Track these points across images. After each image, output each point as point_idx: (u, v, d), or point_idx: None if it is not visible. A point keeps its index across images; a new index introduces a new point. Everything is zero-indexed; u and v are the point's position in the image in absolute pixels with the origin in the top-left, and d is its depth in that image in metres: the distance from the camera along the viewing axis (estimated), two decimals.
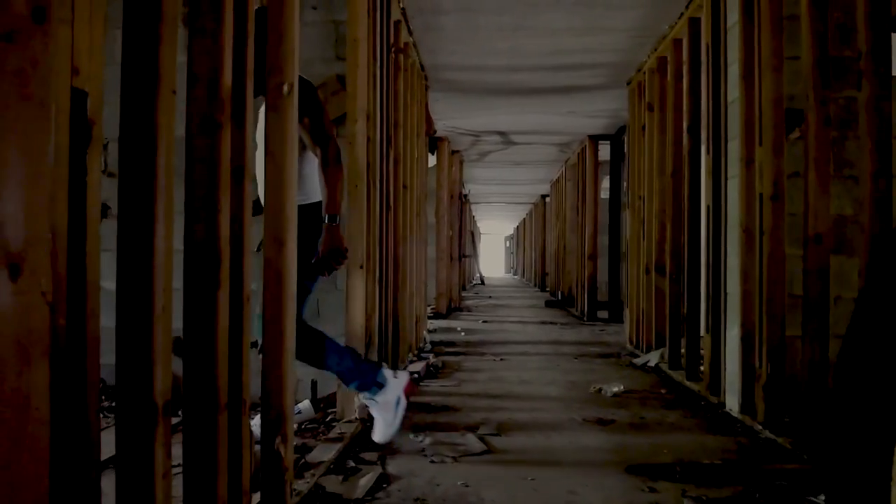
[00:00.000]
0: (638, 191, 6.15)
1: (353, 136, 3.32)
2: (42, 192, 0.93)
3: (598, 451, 2.94)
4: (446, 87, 6.83)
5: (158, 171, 1.26)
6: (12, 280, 0.93)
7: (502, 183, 15.33)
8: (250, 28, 1.70)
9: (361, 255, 3.35)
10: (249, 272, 1.71)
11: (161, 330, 1.28)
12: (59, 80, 0.94)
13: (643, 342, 5.80)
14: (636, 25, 5.17)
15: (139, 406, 1.25)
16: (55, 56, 0.93)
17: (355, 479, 2.45)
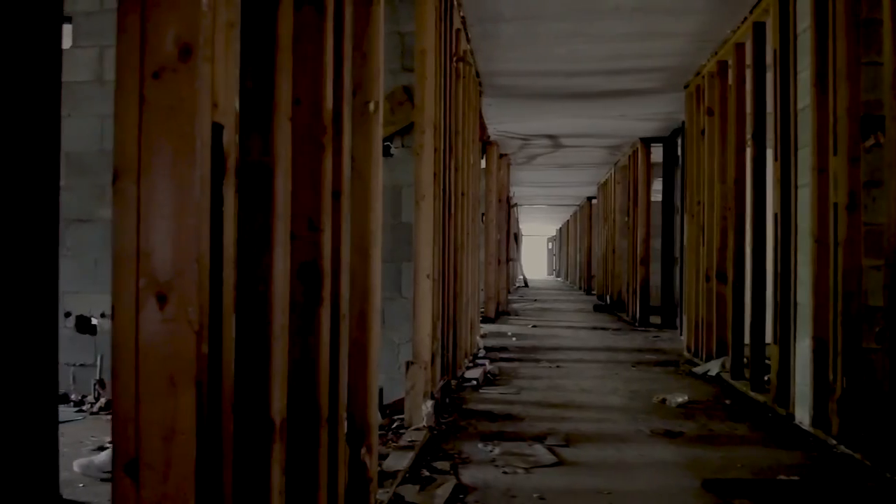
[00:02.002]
0: (696, 196, 6.06)
1: (421, 147, 3.35)
2: (189, 223, 0.97)
3: (671, 465, 2.91)
4: (499, 93, 6.84)
5: (276, 195, 1.30)
6: (160, 308, 0.97)
7: (548, 185, 15.26)
8: (346, 52, 1.74)
9: (429, 264, 3.38)
10: (346, 290, 1.75)
11: (279, 349, 1.31)
12: (202, 115, 0.98)
13: (702, 350, 5.70)
14: (696, 30, 5.11)
15: (257, 423, 1.29)
16: (199, 92, 0.97)
17: (432, 488, 2.47)
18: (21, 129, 0.96)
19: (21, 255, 0.96)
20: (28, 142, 0.98)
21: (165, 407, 0.97)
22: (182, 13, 0.97)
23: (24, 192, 0.96)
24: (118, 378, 0.99)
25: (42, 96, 0.99)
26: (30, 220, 0.97)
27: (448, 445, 3.13)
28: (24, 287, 0.97)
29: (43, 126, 0.99)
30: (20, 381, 0.98)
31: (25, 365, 0.98)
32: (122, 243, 0.97)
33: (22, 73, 0.96)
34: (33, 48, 0.97)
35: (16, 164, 0.95)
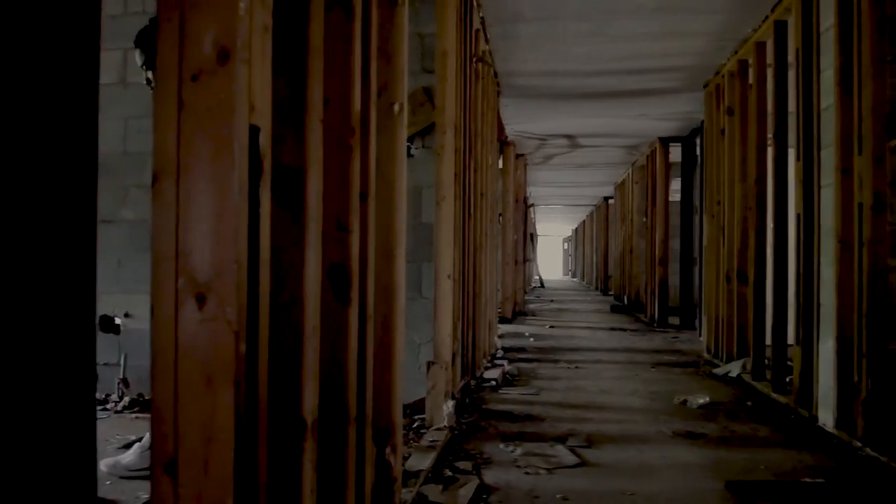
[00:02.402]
0: (716, 196, 6.02)
1: (442, 148, 3.36)
2: (228, 224, 0.98)
3: (693, 466, 2.89)
4: (517, 93, 6.84)
5: (308, 196, 1.31)
6: (199, 308, 0.99)
7: (564, 185, 15.22)
8: (373, 54, 1.75)
9: (449, 264, 3.39)
10: (373, 291, 1.76)
11: (311, 349, 1.33)
12: (240, 117, 0.99)
13: (722, 351, 5.66)
14: (716, 29, 5.08)
15: (288, 423, 1.30)
16: (237, 95, 0.98)
17: (455, 488, 2.48)
18: (62, 131, 0.98)
19: (62, 255, 0.98)
20: (69, 143, 0.99)
21: (204, 406, 0.98)
22: (220, 17, 0.99)
23: (65, 194, 0.98)
24: (157, 378, 1.00)
25: (82, 97, 1.01)
26: (72, 221, 0.98)
27: (469, 445, 3.13)
28: (65, 288, 0.98)
29: (83, 128, 1.01)
30: (61, 383, 0.99)
31: (66, 366, 1.00)
32: (162, 244, 0.99)
33: (63, 74, 0.98)
34: (74, 50, 0.99)
35: (57, 165, 0.97)
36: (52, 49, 0.95)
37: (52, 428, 0.98)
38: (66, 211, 0.98)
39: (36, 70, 0.91)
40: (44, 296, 0.95)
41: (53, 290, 0.96)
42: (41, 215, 0.89)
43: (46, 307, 0.95)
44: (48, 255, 0.96)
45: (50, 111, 0.96)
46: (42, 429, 0.97)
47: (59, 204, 0.97)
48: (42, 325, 0.95)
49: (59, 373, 0.98)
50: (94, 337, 1.04)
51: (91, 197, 1.03)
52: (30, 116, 0.91)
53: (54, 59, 0.96)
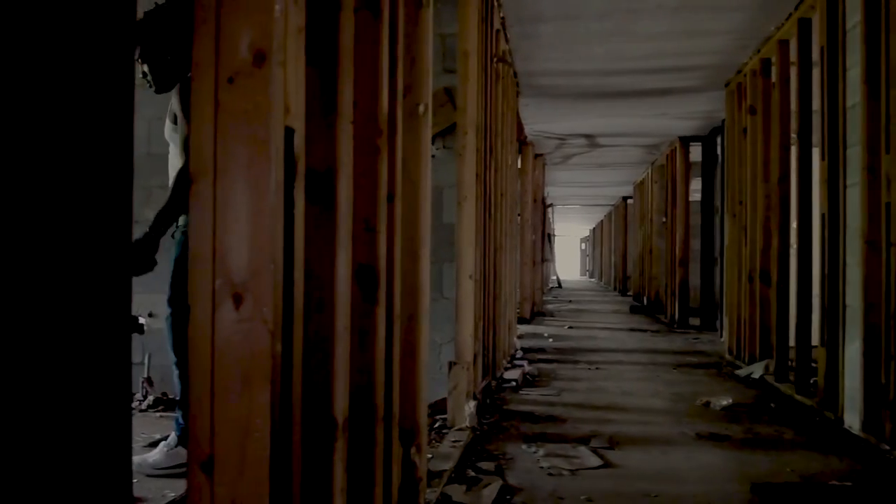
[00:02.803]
0: (738, 196, 5.97)
1: (463, 149, 3.36)
2: (264, 225, 0.99)
3: (718, 468, 2.87)
4: (537, 93, 6.82)
5: (339, 198, 1.32)
6: (236, 308, 1.00)
7: (582, 185, 15.16)
8: (399, 55, 1.75)
9: (471, 265, 3.39)
10: (399, 291, 1.76)
11: (342, 349, 1.33)
12: (276, 119, 1.00)
13: (744, 352, 5.61)
14: (739, 27, 5.03)
15: (319, 422, 1.31)
16: (273, 97, 0.99)
17: (479, 489, 2.48)
18: (101, 133, 0.99)
19: (99, 256, 0.99)
20: (107, 145, 1.00)
21: (240, 406, 0.99)
22: (256, 19, 0.99)
23: (104, 195, 0.99)
24: (194, 377, 1.01)
25: (119, 99, 1.02)
26: (111, 221, 1.00)
27: (491, 446, 3.13)
28: (104, 288, 1.00)
29: (120, 130, 1.02)
30: (100, 382, 1.01)
31: (104, 365, 1.01)
32: (199, 244, 1.00)
33: (100, 74, 0.99)
34: (109, 51, 1.00)
35: (97, 166, 0.98)
36: (91, 49, 0.96)
37: (91, 426, 0.99)
38: (105, 211, 1.00)
39: (76, 72, 0.92)
40: (85, 295, 0.96)
41: (95, 290, 0.97)
42: (83, 216, 0.90)
43: (87, 306, 0.97)
44: (88, 255, 0.97)
45: (89, 113, 0.98)
46: (83, 427, 0.98)
47: (98, 204, 0.99)
48: (83, 324, 0.97)
49: (98, 372, 1.00)
50: (129, 336, 1.05)
51: (127, 198, 1.04)
52: (70, 119, 0.92)
53: (93, 60, 0.97)
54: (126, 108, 1.05)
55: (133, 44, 1.04)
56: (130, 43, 1.04)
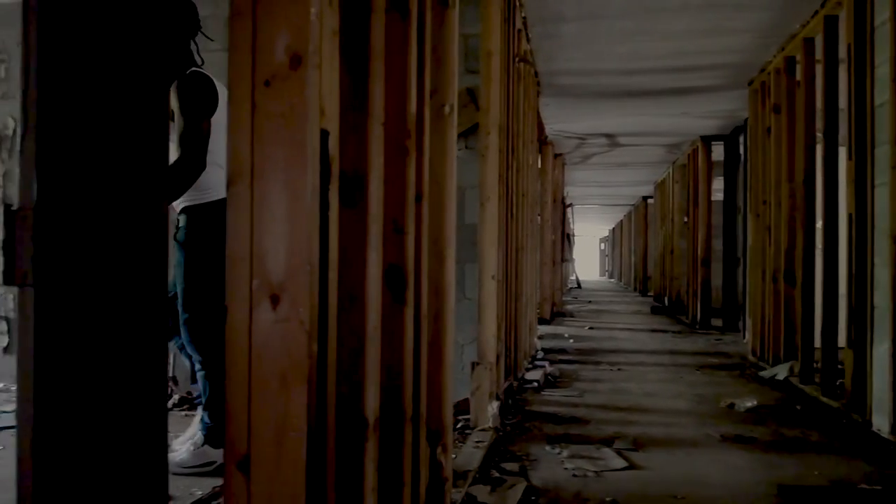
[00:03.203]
0: (762, 195, 5.91)
1: (486, 149, 3.36)
2: (301, 227, 0.99)
3: (744, 470, 2.85)
4: (557, 92, 6.80)
5: (370, 199, 1.33)
6: (273, 308, 1.00)
7: (602, 185, 15.09)
8: (427, 56, 1.76)
9: (493, 265, 3.39)
10: (426, 292, 1.77)
11: (373, 349, 1.34)
12: (312, 122, 1.01)
13: (768, 354, 5.55)
14: (763, 25, 4.99)
15: (350, 422, 1.32)
16: (309, 100, 1.00)
17: (503, 489, 2.48)
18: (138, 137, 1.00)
19: (136, 257, 1.01)
20: (145, 147, 1.02)
21: (277, 405, 1.00)
22: (292, 23, 1.00)
23: (142, 199, 1.01)
24: (231, 377, 1.02)
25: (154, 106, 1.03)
26: (148, 220, 1.01)
27: (515, 447, 3.13)
28: (143, 288, 1.01)
29: (156, 136, 1.04)
30: (138, 380, 1.02)
31: (143, 364, 1.02)
32: (237, 246, 1.01)
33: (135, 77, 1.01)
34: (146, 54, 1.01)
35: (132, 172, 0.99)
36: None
37: (131, 425, 1.01)
38: (143, 213, 1.01)
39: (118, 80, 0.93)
40: (127, 296, 0.98)
41: (135, 291, 0.99)
42: (126, 220, 0.92)
43: (129, 306, 0.98)
44: (130, 255, 0.99)
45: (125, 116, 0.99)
46: (123, 426, 1.00)
47: (138, 206, 1.00)
48: (125, 324, 0.98)
49: (137, 370, 1.01)
50: (165, 336, 1.07)
51: (161, 200, 1.06)
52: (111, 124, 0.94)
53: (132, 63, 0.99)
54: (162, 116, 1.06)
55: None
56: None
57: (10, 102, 4.82)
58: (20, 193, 1.01)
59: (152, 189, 1.02)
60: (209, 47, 4.47)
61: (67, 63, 0.97)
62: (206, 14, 4.63)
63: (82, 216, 1.00)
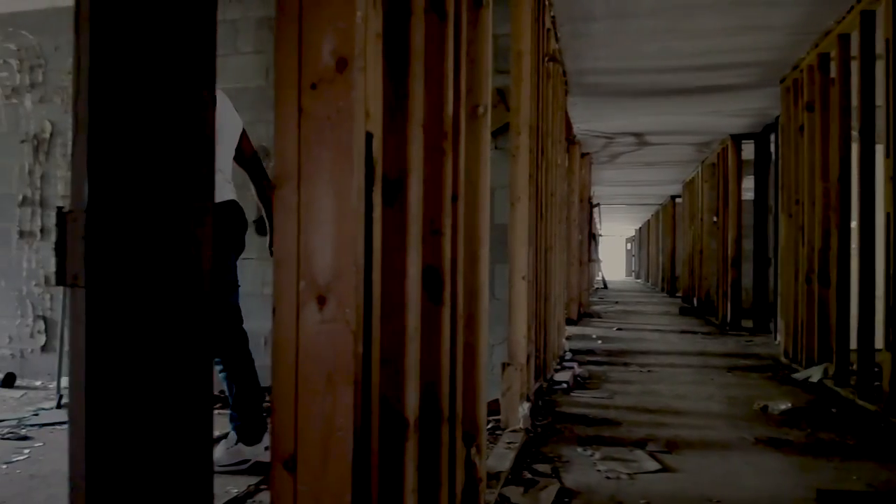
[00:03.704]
0: (794, 195, 5.82)
1: (517, 149, 3.35)
2: (347, 229, 1.00)
3: (780, 473, 2.81)
4: (586, 92, 6.76)
5: (410, 200, 1.33)
6: (319, 309, 1.01)
7: (629, 184, 14.96)
8: (462, 56, 1.76)
9: (524, 266, 3.38)
10: (461, 292, 1.77)
11: (413, 349, 1.35)
12: (357, 124, 1.02)
13: (801, 355, 5.47)
14: (796, 22, 4.91)
15: (391, 422, 1.32)
16: (355, 103, 1.01)
17: (536, 490, 2.47)
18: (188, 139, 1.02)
19: (187, 261, 1.02)
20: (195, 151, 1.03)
21: (323, 405, 1.01)
22: (338, 26, 1.01)
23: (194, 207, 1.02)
24: (278, 377, 1.03)
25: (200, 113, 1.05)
26: (196, 222, 1.02)
27: (546, 448, 3.12)
28: (192, 291, 1.02)
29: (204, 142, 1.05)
30: (182, 383, 1.04)
31: (187, 365, 1.04)
32: (284, 247, 1.02)
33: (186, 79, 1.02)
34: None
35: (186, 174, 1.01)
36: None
37: (178, 424, 1.02)
38: (190, 214, 1.03)
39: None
40: (174, 295, 0.99)
41: (182, 291, 1.00)
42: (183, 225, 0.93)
43: (176, 306, 1.00)
44: (177, 255, 1.00)
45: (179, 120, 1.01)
46: (171, 425, 1.01)
47: (185, 208, 1.02)
48: (173, 324, 1.00)
49: (184, 369, 1.03)
50: (211, 335, 1.08)
51: (208, 201, 1.07)
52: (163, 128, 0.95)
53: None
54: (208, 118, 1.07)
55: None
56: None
57: (47, 106, 4.92)
58: (71, 196, 1.03)
59: (199, 190, 1.04)
60: (241, 49, 4.52)
61: (117, 68, 0.98)
62: (236, 17, 4.69)
63: (132, 218, 1.02)
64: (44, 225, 4.89)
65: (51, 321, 4.84)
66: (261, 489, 2.55)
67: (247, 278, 4.28)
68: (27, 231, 4.91)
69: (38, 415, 3.77)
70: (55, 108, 4.89)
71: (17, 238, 4.92)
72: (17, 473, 2.72)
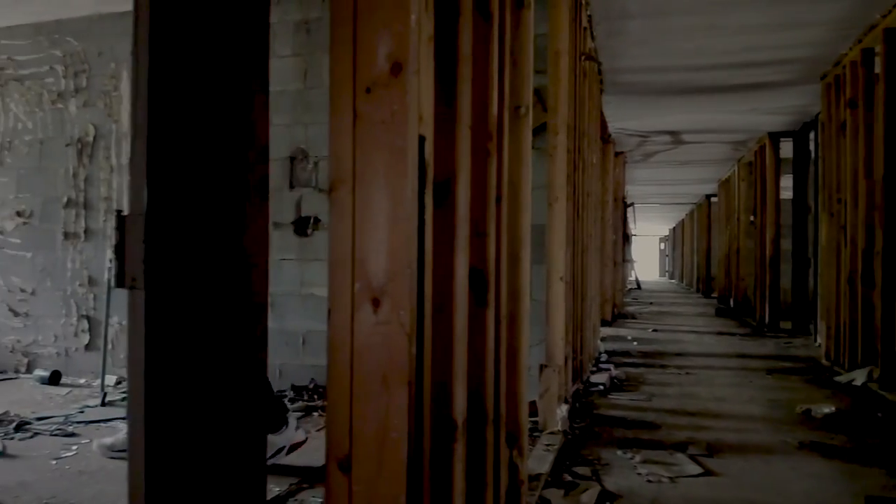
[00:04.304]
0: (836, 193, 5.69)
1: (555, 149, 3.34)
2: (401, 231, 1.01)
3: (825, 479, 2.75)
4: (621, 90, 6.71)
5: (458, 202, 1.33)
6: (374, 311, 1.02)
7: (663, 183, 14.79)
8: (506, 57, 1.76)
9: (561, 266, 3.36)
10: (505, 294, 1.77)
11: (461, 351, 1.35)
12: (411, 128, 1.02)
13: (844, 358, 5.35)
14: (838, 17, 4.81)
15: (439, 423, 1.33)
16: (409, 106, 1.01)
17: (576, 494, 2.45)
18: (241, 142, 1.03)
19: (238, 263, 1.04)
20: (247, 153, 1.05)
21: (378, 406, 1.02)
22: (393, 30, 1.02)
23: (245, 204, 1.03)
24: (333, 378, 1.04)
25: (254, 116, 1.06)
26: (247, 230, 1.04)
27: (585, 451, 3.09)
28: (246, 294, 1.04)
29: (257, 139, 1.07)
30: (238, 383, 1.05)
31: (242, 365, 1.05)
32: (339, 250, 1.03)
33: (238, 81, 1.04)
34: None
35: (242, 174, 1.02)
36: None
37: (234, 422, 1.04)
38: (246, 217, 1.04)
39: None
40: (230, 297, 1.01)
41: (238, 292, 1.02)
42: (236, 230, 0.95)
43: (232, 307, 1.01)
44: (233, 258, 1.02)
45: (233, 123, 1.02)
46: (226, 423, 1.03)
47: (241, 211, 1.03)
48: (229, 325, 1.01)
49: (240, 369, 1.04)
50: (265, 335, 1.09)
51: (265, 204, 1.08)
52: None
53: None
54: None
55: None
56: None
57: (90, 110, 5.04)
58: (130, 200, 1.05)
59: (254, 192, 1.05)
60: (278, 53, 4.57)
61: (175, 76, 1.00)
62: (273, 20, 4.75)
63: (189, 221, 1.04)
64: (87, 226, 5.00)
65: (94, 320, 4.95)
66: (302, 488, 2.58)
67: (285, 278, 4.33)
68: (71, 232, 5.03)
69: (83, 412, 3.86)
70: (98, 112, 5.00)
71: (62, 239, 5.04)
72: (67, 469, 2.79)
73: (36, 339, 5.06)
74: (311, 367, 4.30)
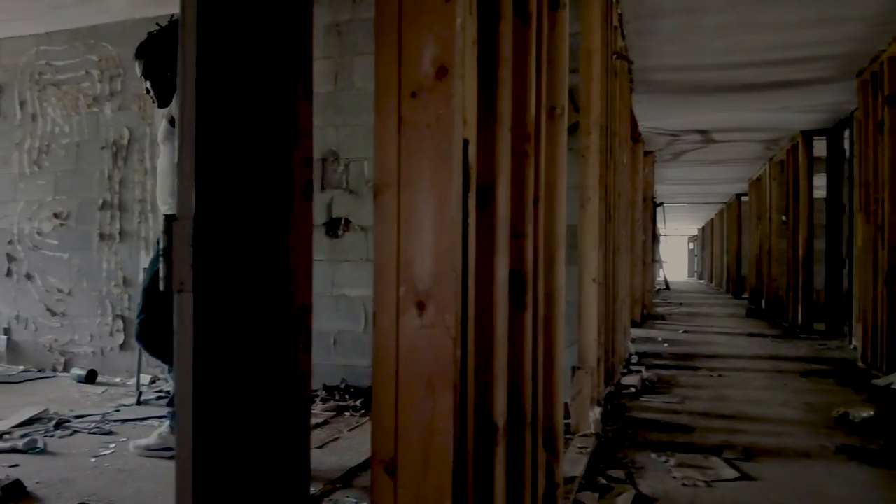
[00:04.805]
0: (874, 193, 5.58)
1: (587, 149, 3.31)
2: (447, 235, 1.01)
3: (866, 486, 2.69)
4: (651, 89, 6.64)
5: (498, 204, 1.33)
6: (419, 315, 1.02)
7: (692, 182, 14.61)
8: (543, 59, 1.75)
9: (594, 268, 3.34)
10: (542, 296, 1.76)
11: (501, 353, 1.35)
12: (456, 132, 1.02)
13: (881, 361, 5.24)
14: (876, 12, 4.71)
15: (481, 426, 1.33)
16: (454, 110, 1.01)
17: (611, 497, 2.44)
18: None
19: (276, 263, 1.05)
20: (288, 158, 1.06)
21: (423, 409, 1.02)
22: (438, 35, 1.02)
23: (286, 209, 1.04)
24: (378, 381, 1.05)
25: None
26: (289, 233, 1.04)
27: (619, 454, 3.07)
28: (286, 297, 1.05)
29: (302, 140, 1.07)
30: (284, 384, 1.06)
31: (288, 368, 1.06)
32: (384, 253, 1.03)
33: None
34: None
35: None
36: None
37: (280, 423, 1.05)
38: (292, 221, 1.05)
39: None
40: (277, 301, 1.02)
41: (284, 296, 1.03)
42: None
43: (278, 311, 1.02)
44: (279, 262, 1.03)
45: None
46: (273, 424, 1.04)
47: (287, 216, 1.04)
48: (275, 328, 1.02)
49: (286, 371, 1.05)
50: (310, 339, 1.10)
51: (309, 208, 1.09)
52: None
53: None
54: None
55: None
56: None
57: (125, 113, 5.12)
58: (178, 204, 1.06)
59: (299, 194, 1.06)
60: None
61: (222, 80, 1.01)
62: None
63: (237, 224, 1.05)
64: (122, 228, 5.09)
65: (129, 320, 5.03)
66: (336, 488, 2.59)
67: (316, 279, 4.36)
68: (107, 234, 5.12)
69: (119, 410, 3.92)
70: (133, 116, 5.09)
71: (98, 241, 5.13)
72: (106, 467, 2.84)
73: (72, 339, 5.16)
74: (342, 366, 4.33)
